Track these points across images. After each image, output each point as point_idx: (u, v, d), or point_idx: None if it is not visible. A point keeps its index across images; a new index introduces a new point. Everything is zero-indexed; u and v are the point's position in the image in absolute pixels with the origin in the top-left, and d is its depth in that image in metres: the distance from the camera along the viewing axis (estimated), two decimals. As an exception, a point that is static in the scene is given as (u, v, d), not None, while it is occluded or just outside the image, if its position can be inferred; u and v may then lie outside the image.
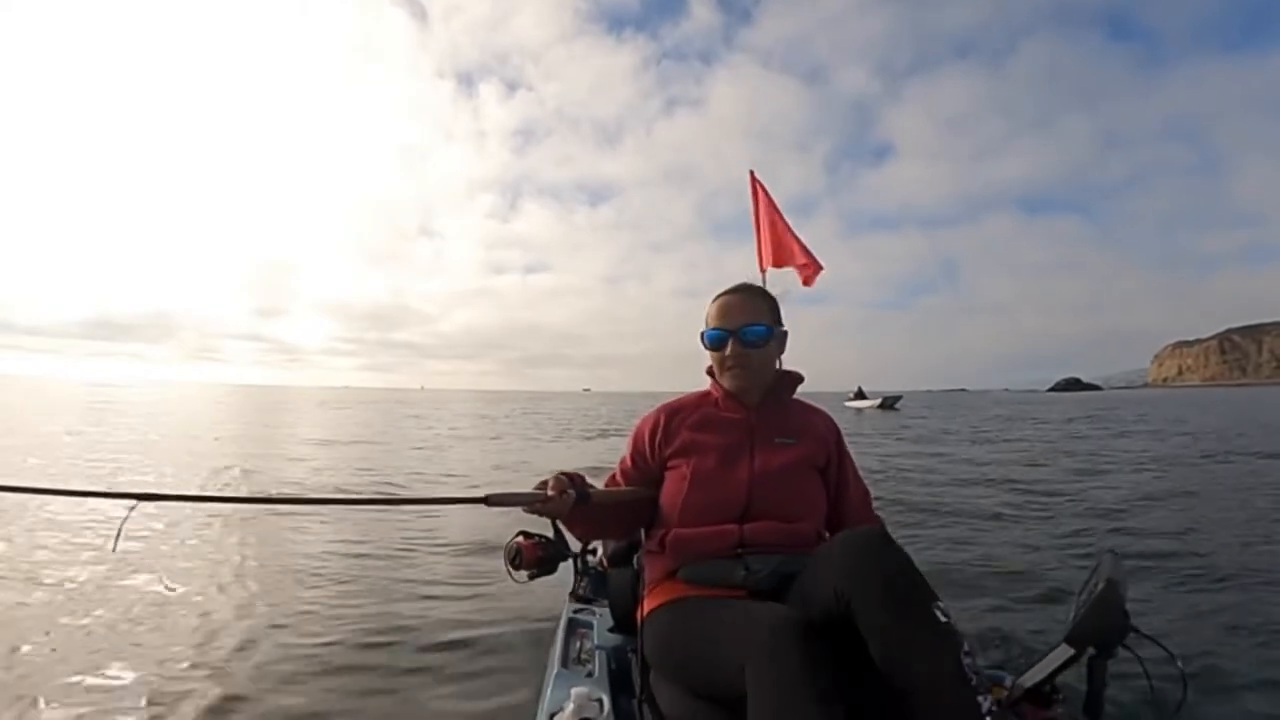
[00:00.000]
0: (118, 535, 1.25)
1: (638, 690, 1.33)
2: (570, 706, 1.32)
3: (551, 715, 1.36)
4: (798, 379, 1.63)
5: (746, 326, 1.50)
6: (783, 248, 3.59)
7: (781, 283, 3.38)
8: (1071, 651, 1.25)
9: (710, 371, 1.61)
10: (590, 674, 1.55)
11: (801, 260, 3.59)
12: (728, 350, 1.50)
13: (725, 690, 1.10)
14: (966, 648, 1.03)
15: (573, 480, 1.45)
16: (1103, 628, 1.22)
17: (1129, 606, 1.22)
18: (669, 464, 1.55)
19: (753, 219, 3.67)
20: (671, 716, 1.22)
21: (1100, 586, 1.22)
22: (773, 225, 3.62)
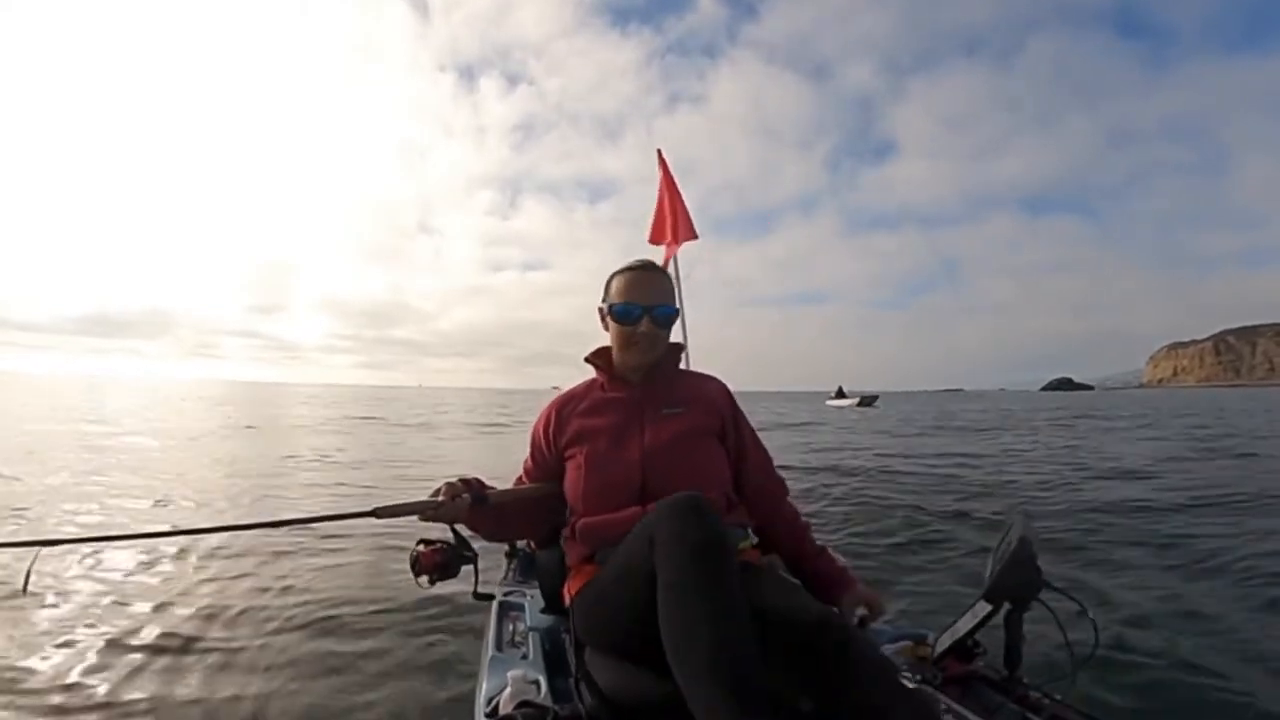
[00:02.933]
0: (26, 579, 1.30)
1: (573, 669, 1.33)
2: (508, 690, 1.31)
3: (490, 700, 1.35)
4: (679, 349, 1.64)
5: (660, 306, 1.51)
6: (687, 224, 3.50)
7: (685, 264, 3.39)
8: (989, 607, 1.31)
9: (591, 357, 1.61)
10: (525, 656, 1.53)
11: (692, 236, 3.51)
12: (641, 327, 1.49)
13: (643, 593, 1.11)
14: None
15: (468, 485, 1.44)
16: (1017, 583, 1.28)
17: (1040, 562, 1.29)
18: (566, 454, 1.54)
19: (661, 197, 3.54)
20: (608, 691, 1.22)
21: (1013, 544, 1.28)
22: (681, 202, 3.53)
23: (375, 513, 1.39)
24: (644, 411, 1.51)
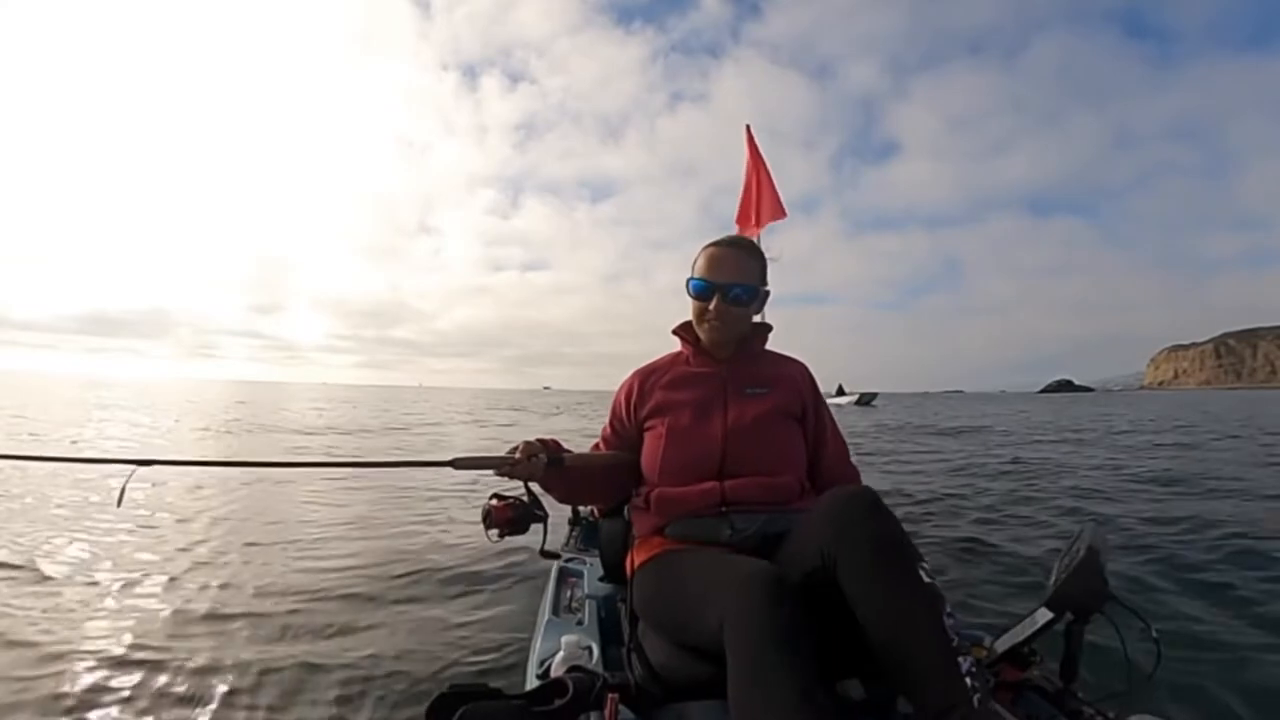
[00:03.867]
0: (121, 494, 1.40)
1: (626, 639, 1.36)
2: (560, 654, 1.36)
3: (542, 662, 1.40)
4: (768, 329, 1.63)
5: (734, 284, 1.48)
6: (773, 204, 3.48)
7: (776, 246, 3.32)
8: (1050, 615, 1.28)
9: (678, 330, 1.60)
10: (580, 622, 1.58)
11: (780, 215, 3.49)
12: (711, 305, 1.48)
13: (707, 645, 1.12)
14: (949, 609, 1.05)
15: (546, 445, 1.47)
16: (1082, 594, 1.24)
17: (1108, 575, 1.25)
18: (646, 425, 1.55)
19: (748, 175, 3.53)
20: (658, 665, 1.25)
21: (1081, 553, 1.24)
22: (769, 181, 3.52)
23: (454, 463, 1.44)
24: (728, 389, 1.51)
